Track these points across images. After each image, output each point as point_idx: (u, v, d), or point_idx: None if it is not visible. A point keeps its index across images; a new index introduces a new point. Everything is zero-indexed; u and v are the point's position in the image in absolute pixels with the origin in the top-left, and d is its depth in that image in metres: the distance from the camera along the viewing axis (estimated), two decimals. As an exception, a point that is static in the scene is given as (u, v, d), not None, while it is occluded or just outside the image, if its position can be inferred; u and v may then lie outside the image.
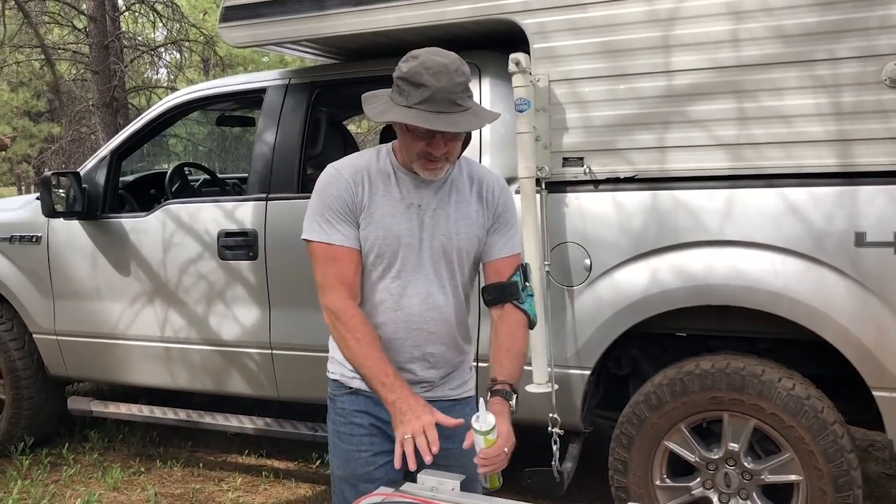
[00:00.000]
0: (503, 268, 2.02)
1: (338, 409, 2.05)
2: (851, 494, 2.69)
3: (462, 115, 1.81)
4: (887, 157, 2.57)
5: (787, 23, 2.62)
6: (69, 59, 11.11)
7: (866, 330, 2.61)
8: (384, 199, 1.94)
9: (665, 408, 2.89)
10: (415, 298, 1.95)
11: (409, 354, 1.99)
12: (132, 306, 3.84)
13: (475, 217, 2.00)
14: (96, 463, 4.14)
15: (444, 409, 1.97)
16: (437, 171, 1.90)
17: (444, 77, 1.78)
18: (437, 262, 1.97)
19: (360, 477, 1.99)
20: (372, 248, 1.94)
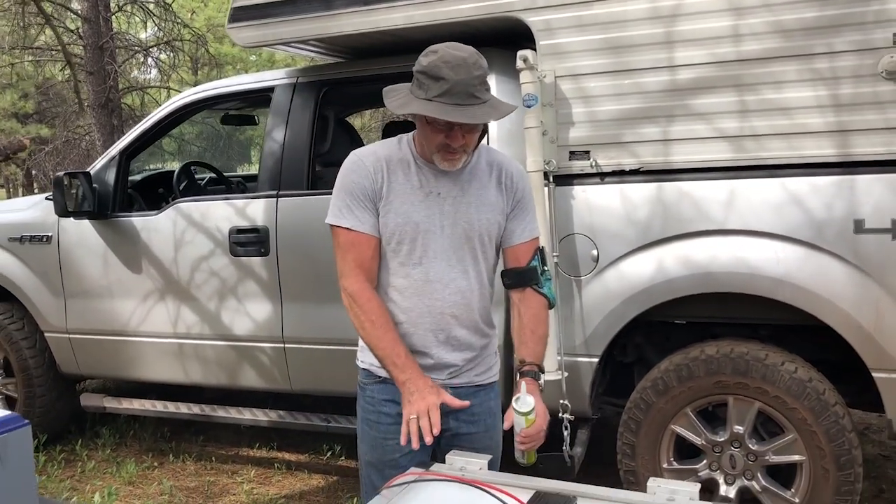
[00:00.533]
0: (522, 253, 2.09)
1: (367, 398, 2.12)
2: (853, 472, 2.79)
3: (480, 108, 1.87)
4: (884, 147, 2.67)
5: (786, 18, 2.71)
6: (62, 60, 11.08)
7: (866, 314, 2.70)
8: (403, 188, 2.00)
9: (672, 393, 2.98)
10: (437, 284, 2.01)
11: (433, 339, 2.05)
12: (145, 303, 3.90)
13: (495, 203, 2.05)
14: (109, 458, 4.21)
15: (469, 395, 2.07)
16: (456, 163, 1.96)
17: (462, 70, 1.84)
18: (459, 249, 2.03)
19: (386, 463, 2.06)
20: (393, 235, 2.00)
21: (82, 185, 3.89)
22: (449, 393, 2.00)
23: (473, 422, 2.09)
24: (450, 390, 2.03)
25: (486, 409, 2.13)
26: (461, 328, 2.07)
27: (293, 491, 3.75)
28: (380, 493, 1.69)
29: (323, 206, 3.49)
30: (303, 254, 3.54)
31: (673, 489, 1.59)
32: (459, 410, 2.03)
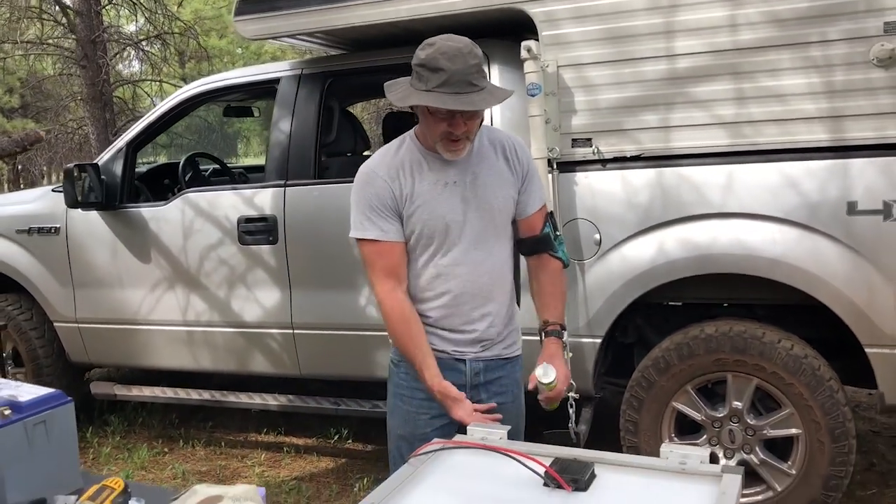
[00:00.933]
0: (535, 221, 2.21)
1: (401, 374, 2.22)
2: (847, 444, 2.91)
3: (478, 95, 1.95)
4: (875, 132, 2.78)
5: (780, 7, 2.81)
6: (53, 54, 11.09)
7: (859, 292, 2.82)
8: (422, 185, 2.09)
9: (672, 370, 3.09)
10: (468, 266, 2.12)
11: (470, 317, 2.16)
12: (154, 292, 3.98)
13: (507, 179, 2.15)
14: (120, 445, 4.29)
15: (498, 368, 2.21)
16: (460, 151, 2.05)
17: (459, 60, 1.92)
18: (482, 231, 2.13)
19: (418, 437, 2.15)
20: (422, 232, 2.09)
21: (91, 176, 3.95)
22: (480, 366, 2.19)
23: (502, 393, 2.23)
24: (482, 363, 2.18)
25: (513, 381, 2.26)
26: (494, 303, 2.18)
27: (304, 473, 3.85)
28: (407, 462, 1.79)
29: (329, 195, 3.62)
30: (311, 241, 3.63)
31: (685, 454, 1.69)
32: (490, 382, 2.20)
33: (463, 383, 2.17)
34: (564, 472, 1.54)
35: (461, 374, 2.18)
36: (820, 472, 2.95)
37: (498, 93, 2.03)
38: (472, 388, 2.18)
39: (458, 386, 2.14)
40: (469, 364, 2.18)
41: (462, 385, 2.16)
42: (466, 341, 2.17)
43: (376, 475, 3.70)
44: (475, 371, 2.19)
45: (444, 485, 1.62)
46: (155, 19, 11.06)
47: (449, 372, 2.14)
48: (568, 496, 1.51)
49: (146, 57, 11.62)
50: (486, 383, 2.20)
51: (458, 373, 2.18)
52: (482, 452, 1.75)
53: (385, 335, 3.52)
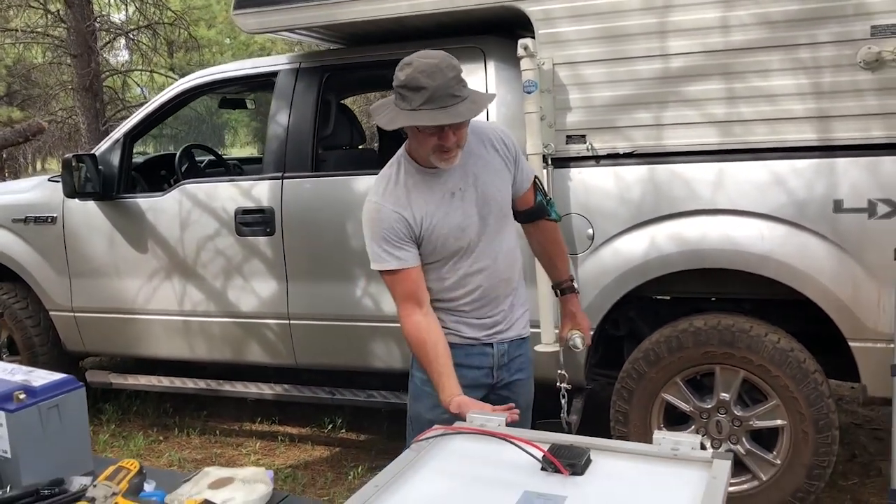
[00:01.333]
0: (528, 196, 2.38)
1: None
2: (830, 434, 3.00)
3: (462, 104, 2.02)
4: (861, 132, 2.86)
5: (771, 10, 2.88)
6: (43, 43, 11.04)
7: (843, 288, 2.90)
8: (431, 204, 2.17)
9: (662, 363, 3.17)
10: (487, 261, 2.25)
11: (497, 304, 2.31)
12: (150, 282, 4.02)
13: (501, 170, 2.27)
14: (115, 433, 4.34)
15: (518, 346, 2.40)
16: (453, 160, 2.12)
17: (438, 76, 1.99)
18: (491, 226, 2.24)
19: (447, 420, 2.22)
20: (444, 245, 2.20)
21: (88, 167, 3.98)
22: (504, 347, 2.35)
23: (522, 369, 2.42)
24: (506, 344, 2.35)
25: (527, 359, 2.44)
26: (513, 285, 2.34)
27: (298, 461, 3.91)
28: (409, 447, 1.85)
29: (326, 187, 3.67)
30: (307, 233, 3.68)
31: (676, 440, 1.76)
32: (512, 360, 2.37)
33: (490, 365, 2.33)
34: (561, 457, 1.61)
35: (489, 357, 2.33)
36: (804, 462, 3.04)
37: (480, 100, 2.09)
38: (498, 369, 2.35)
39: (486, 368, 2.32)
40: (496, 347, 2.33)
41: (489, 367, 2.33)
42: (492, 324, 2.31)
43: (370, 463, 3.76)
44: (501, 353, 2.34)
45: (446, 469, 1.68)
46: (145, 9, 11.03)
47: (479, 356, 2.31)
48: (565, 480, 1.57)
49: (136, 47, 11.59)
50: (509, 362, 2.37)
51: (486, 356, 2.33)
52: (482, 438, 1.81)
53: (382, 326, 3.61)
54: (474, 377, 2.31)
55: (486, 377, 2.35)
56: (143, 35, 11.41)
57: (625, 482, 1.58)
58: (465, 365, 2.29)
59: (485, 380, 2.35)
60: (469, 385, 2.27)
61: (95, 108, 9.62)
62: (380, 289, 3.55)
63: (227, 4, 24.23)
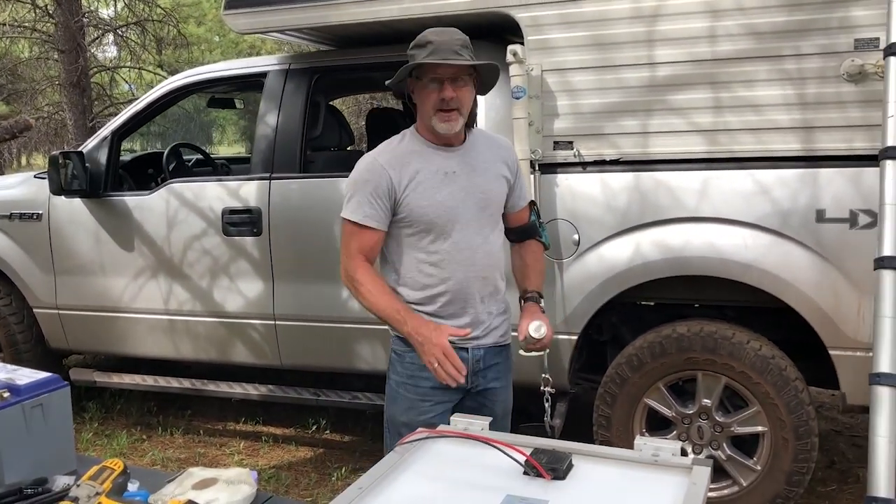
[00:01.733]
0: (523, 214, 2.49)
1: (406, 364, 2.33)
2: (809, 441, 3.03)
3: (463, 60, 2.17)
4: (844, 143, 2.90)
5: (758, 21, 2.92)
6: (30, 38, 10.97)
7: (825, 296, 2.94)
8: (423, 175, 2.24)
9: (645, 368, 3.19)
10: (467, 251, 2.27)
11: (473, 300, 2.31)
12: (136, 280, 4.01)
13: (501, 173, 2.35)
14: (98, 432, 4.32)
15: (496, 354, 2.39)
16: (453, 122, 2.21)
17: (445, 34, 2.19)
18: (479, 218, 2.28)
19: (421, 423, 2.25)
20: (423, 217, 2.23)
21: (75, 164, 3.97)
22: (480, 353, 2.33)
23: (498, 378, 2.41)
24: (482, 350, 2.33)
25: (506, 367, 2.45)
26: (491, 285, 2.34)
27: (282, 462, 3.91)
28: (392, 450, 1.86)
29: (314, 189, 3.68)
30: (294, 234, 3.68)
31: (657, 446, 1.78)
32: (488, 368, 2.36)
33: (465, 370, 2.29)
34: (544, 462, 1.62)
35: (465, 361, 2.30)
36: (783, 468, 3.07)
37: (482, 61, 2.23)
38: (473, 375, 2.34)
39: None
40: (471, 352, 2.33)
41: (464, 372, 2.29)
42: (468, 326, 2.30)
43: (354, 465, 3.77)
44: (476, 358, 2.34)
45: (429, 472, 1.70)
46: (134, 5, 10.99)
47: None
48: (547, 484, 1.59)
49: (125, 43, 11.53)
50: (485, 369, 2.37)
51: (461, 361, 2.28)
52: (465, 441, 1.83)
53: (368, 328, 3.61)
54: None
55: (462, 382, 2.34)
56: (132, 31, 11.37)
57: (606, 487, 1.60)
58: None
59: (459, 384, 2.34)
60: (440, 387, 2.29)
61: (83, 104, 9.57)
62: (366, 291, 3.56)
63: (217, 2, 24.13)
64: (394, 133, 2.39)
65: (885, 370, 2.39)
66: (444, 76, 2.17)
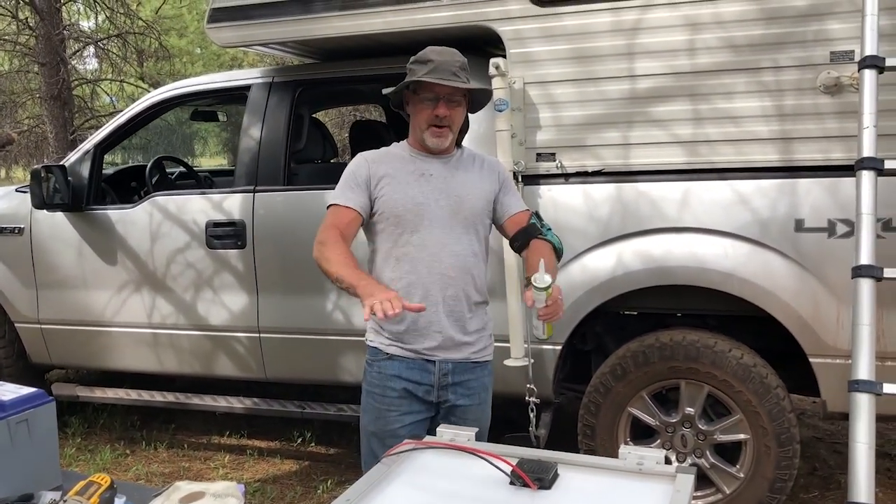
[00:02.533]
0: (521, 219, 2.42)
1: (375, 373, 2.36)
2: (791, 448, 3.07)
3: (460, 82, 2.24)
4: (822, 154, 2.94)
5: (736, 34, 2.97)
6: (11, 51, 10.90)
7: (805, 305, 2.98)
8: (400, 172, 2.32)
9: (629, 377, 3.22)
10: (435, 247, 2.30)
11: (433, 297, 2.29)
12: (120, 294, 4.00)
13: (480, 182, 2.39)
14: (81, 447, 4.29)
15: (468, 370, 2.35)
16: (444, 139, 2.30)
17: (445, 54, 2.27)
18: (451, 219, 2.32)
19: (388, 432, 2.28)
20: (394, 210, 2.29)
21: (57, 177, 3.95)
22: (448, 367, 2.32)
23: (469, 395, 2.37)
24: (450, 364, 2.32)
25: (481, 385, 2.40)
26: (457, 289, 2.32)
27: (267, 475, 3.90)
28: (380, 461, 1.87)
29: (298, 201, 3.69)
30: (279, 246, 3.69)
31: (642, 455, 1.80)
32: (458, 384, 2.33)
33: (431, 383, 2.32)
34: (529, 472, 1.63)
35: (430, 374, 2.32)
36: (766, 475, 3.10)
37: (478, 86, 2.32)
38: (440, 389, 2.33)
39: (426, 385, 2.31)
40: (438, 365, 2.32)
41: (430, 384, 2.32)
42: (429, 330, 2.29)
43: (339, 477, 3.76)
44: (444, 372, 2.33)
45: (416, 483, 1.71)
46: (115, 18, 10.95)
47: (418, 371, 2.30)
48: (533, 494, 1.60)
49: (106, 56, 11.49)
50: (455, 384, 2.34)
51: (426, 373, 2.32)
52: (451, 452, 1.84)
53: (352, 340, 3.62)
54: (413, 389, 2.33)
55: (427, 394, 2.35)
56: (114, 44, 11.33)
57: (592, 496, 1.61)
58: (405, 378, 2.32)
59: (425, 396, 2.34)
60: (406, 396, 2.32)
61: (64, 117, 9.51)
62: (350, 302, 3.57)
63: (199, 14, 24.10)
64: (377, 144, 2.46)
65: (863, 377, 2.43)
66: (440, 95, 2.25)
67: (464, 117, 2.37)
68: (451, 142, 2.35)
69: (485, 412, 2.44)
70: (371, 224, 2.36)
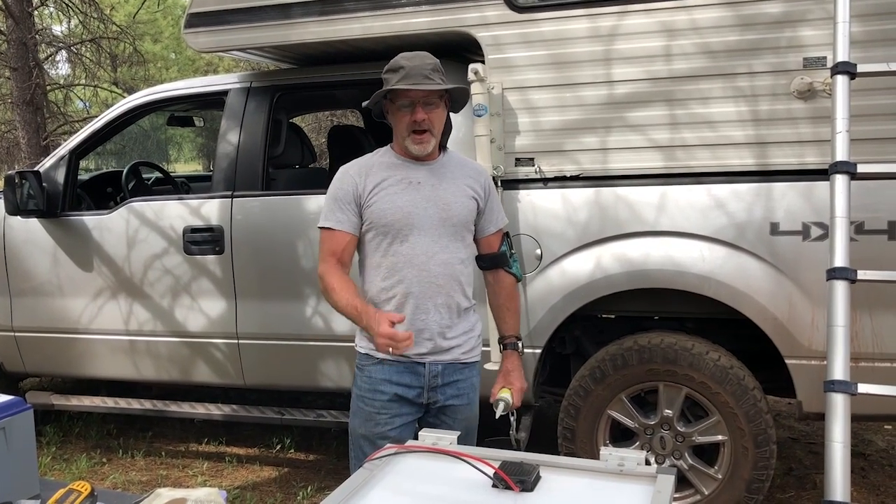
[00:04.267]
0: (493, 241, 2.53)
1: (365, 378, 2.38)
2: (768, 449, 3.10)
3: (433, 84, 2.26)
4: (796, 158, 2.99)
5: (712, 40, 3.01)
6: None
7: (780, 307, 3.02)
8: (388, 182, 2.33)
9: (608, 380, 3.24)
10: (423, 256, 2.32)
11: (423, 307, 2.33)
12: (96, 301, 3.96)
13: (468, 191, 2.40)
14: (57, 456, 4.23)
15: (456, 371, 2.40)
16: (426, 144, 2.31)
17: (416, 59, 2.28)
18: (439, 227, 2.33)
19: (378, 435, 2.30)
20: (382, 219, 2.30)
21: (31, 184, 3.91)
22: (438, 368, 2.36)
23: (459, 395, 2.42)
24: (440, 366, 2.36)
25: (469, 385, 2.45)
26: (446, 296, 2.36)
27: (246, 482, 3.87)
28: (362, 465, 1.87)
29: (276, 207, 3.68)
30: (257, 252, 3.67)
31: (622, 456, 1.81)
32: (447, 385, 2.38)
33: (421, 385, 2.35)
34: (512, 474, 1.64)
35: (420, 376, 2.36)
36: (743, 476, 3.13)
37: (452, 85, 2.32)
38: (429, 390, 2.37)
39: (416, 388, 2.34)
40: (427, 367, 2.36)
41: (420, 387, 2.35)
42: (420, 337, 2.32)
43: (319, 483, 3.74)
44: (433, 374, 2.36)
45: (399, 487, 1.71)
46: (88, 22, 10.85)
47: (408, 374, 2.34)
48: (516, 496, 1.61)
49: (80, 60, 11.38)
50: (444, 385, 2.38)
51: (416, 375, 2.35)
52: (434, 456, 1.85)
53: (332, 346, 3.61)
54: (403, 393, 2.36)
55: (417, 397, 2.38)
56: (87, 49, 11.23)
57: (574, 497, 1.62)
58: (395, 382, 2.35)
59: (416, 399, 2.38)
60: (396, 400, 2.35)
61: (36, 122, 9.40)
62: (329, 308, 3.54)
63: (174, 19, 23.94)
64: (355, 149, 2.46)
65: (838, 377, 2.47)
66: (416, 99, 2.27)
67: (444, 119, 2.38)
68: (435, 146, 2.36)
69: (473, 411, 2.50)
70: (362, 234, 2.38)
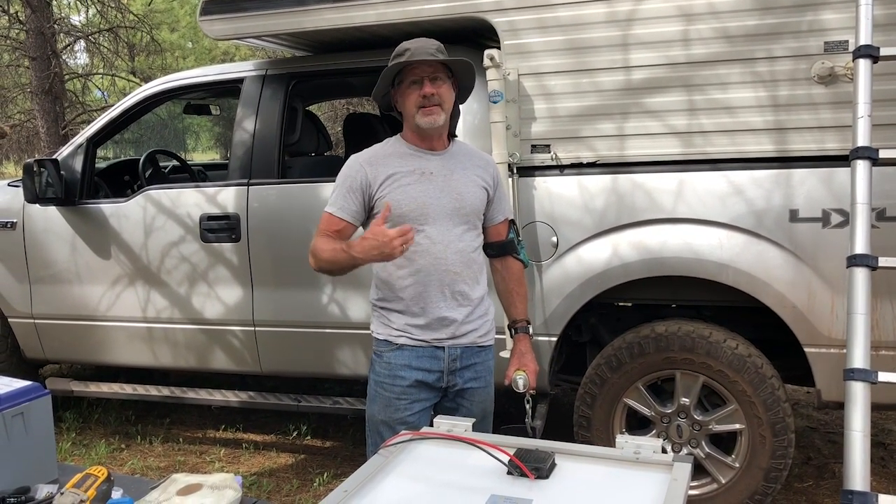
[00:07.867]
0: (501, 229, 2.55)
1: (384, 363, 2.40)
2: (786, 438, 3.08)
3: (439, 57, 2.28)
4: (816, 144, 2.95)
5: (730, 25, 2.97)
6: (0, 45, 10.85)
7: (799, 295, 2.99)
8: (400, 172, 2.33)
9: (624, 368, 3.22)
10: (439, 245, 2.33)
11: (440, 294, 2.35)
12: (114, 289, 3.98)
13: (478, 181, 2.41)
14: (76, 442, 4.28)
15: (473, 354, 2.43)
16: (436, 118, 2.30)
17: (420, 41, 2.31)
18: (452, 217, 2.35)
19: (398, 420, 2.33)
20: (395, 210, 2.30)
21: (50, 172, 3.93)
22: (457, 352, 2.38)
23: (477, 378, 2.45)
24: (459, 350, 2.38)
25: (486, 368, 2.49)
26: (462, 284, 2.38)
27: (263, 469, 3.89)
28: (377, 452, 1.87)
29: (292, 194, 3.68)
30: (273, 239, 3.68)
31: (639, 444, 1.81)
32: (465, 368, 2.41)
33: (441, 369, 2.37)
34: (527, 462, 1.64)
35: (440, 360, 2.37)
36: (761, 465, 3.11)
37: (456, 58, 2.34)
38: (449, 374, 2.39)
39: (435, 372, 2.37)
40: (447, 351, 2.38)
41: (440, 371, 2.37)
42: (440, 324, 2.35)
43: (336, 470, 3.76)
44: (452, 357, 2.38)
45: (414, 474, 1.71)
46: (106, 12, 10.89)
47: (428, 359, 2.36)
48: (531, 483, 1.60)
49: (97, 50, 11.43)
50: (462, 369, 2.41)
51: (436, 360, 2.37)
52: (449, 443, 1.84)
53: (348, 333, 3.62)
54: (423, 378, 2.38)
55: (437, 381, 2.40)
56: (105, 38, 11.27)
57: (589, 485, 1.62)
58: (415, 367, 2.36)
59: (435, 383, 2.40)
60: (416, 385, 2.36)
61: (55, 111, 9.46)
62: (345, 295, 3.57)
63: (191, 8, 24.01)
64: (371, 137, 2.46)
65: (858, 366, 2.43)
66: (423, 75, 2.28)
67: (453, 98, 2.38)
68: (445, 122, 2.34)
69: (490, 394, 2.53)
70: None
